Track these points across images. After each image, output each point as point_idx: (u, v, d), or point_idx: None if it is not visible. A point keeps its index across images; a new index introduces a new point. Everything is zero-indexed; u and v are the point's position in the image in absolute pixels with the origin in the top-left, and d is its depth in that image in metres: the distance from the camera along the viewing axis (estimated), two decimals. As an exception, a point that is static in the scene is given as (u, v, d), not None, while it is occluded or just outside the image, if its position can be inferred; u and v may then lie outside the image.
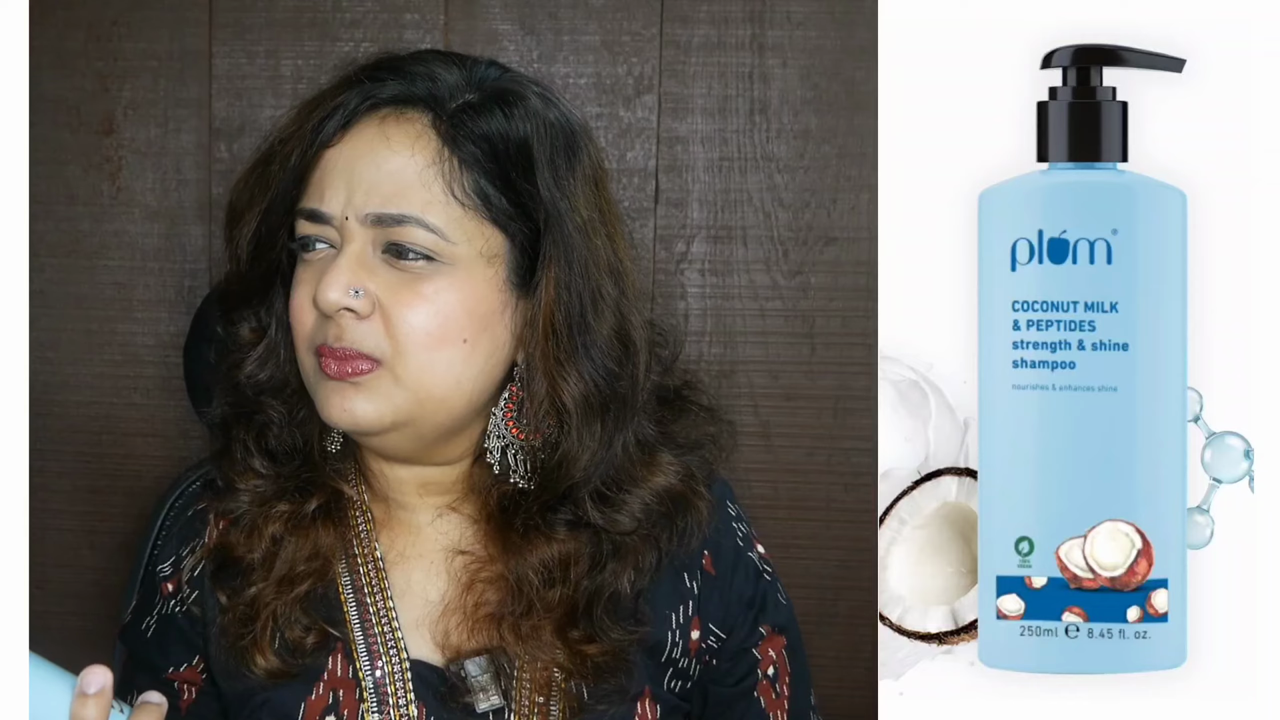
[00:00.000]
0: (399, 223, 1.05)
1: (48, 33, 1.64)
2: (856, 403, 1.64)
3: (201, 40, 1.65)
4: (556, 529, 1.10)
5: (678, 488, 1.14)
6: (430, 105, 1.07)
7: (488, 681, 1.10)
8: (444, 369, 1.06)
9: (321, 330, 1.06)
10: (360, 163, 1.06)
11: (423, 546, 1.15)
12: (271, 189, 1.08)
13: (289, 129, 1.09)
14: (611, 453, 1.10)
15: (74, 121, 1.67)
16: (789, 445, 1.66)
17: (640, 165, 1.64)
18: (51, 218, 1.68)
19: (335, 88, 1.09)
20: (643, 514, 1.12)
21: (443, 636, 1.11)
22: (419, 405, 1.06)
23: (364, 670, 1.10)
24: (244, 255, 1.11)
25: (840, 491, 1.66)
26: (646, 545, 1.13)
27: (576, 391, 1.08)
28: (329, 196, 1.06)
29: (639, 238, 1.63)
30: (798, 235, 1.64)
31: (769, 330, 1.65)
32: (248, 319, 1.14)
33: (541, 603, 1.10)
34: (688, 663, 1.16)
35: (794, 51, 1.62)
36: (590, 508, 1.10)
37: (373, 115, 1.07)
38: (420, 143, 1.06)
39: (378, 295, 1.05)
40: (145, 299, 1.69)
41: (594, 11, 1.63)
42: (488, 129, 1.07)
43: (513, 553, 1.11)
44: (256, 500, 1.13)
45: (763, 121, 1.63)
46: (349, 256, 1.05)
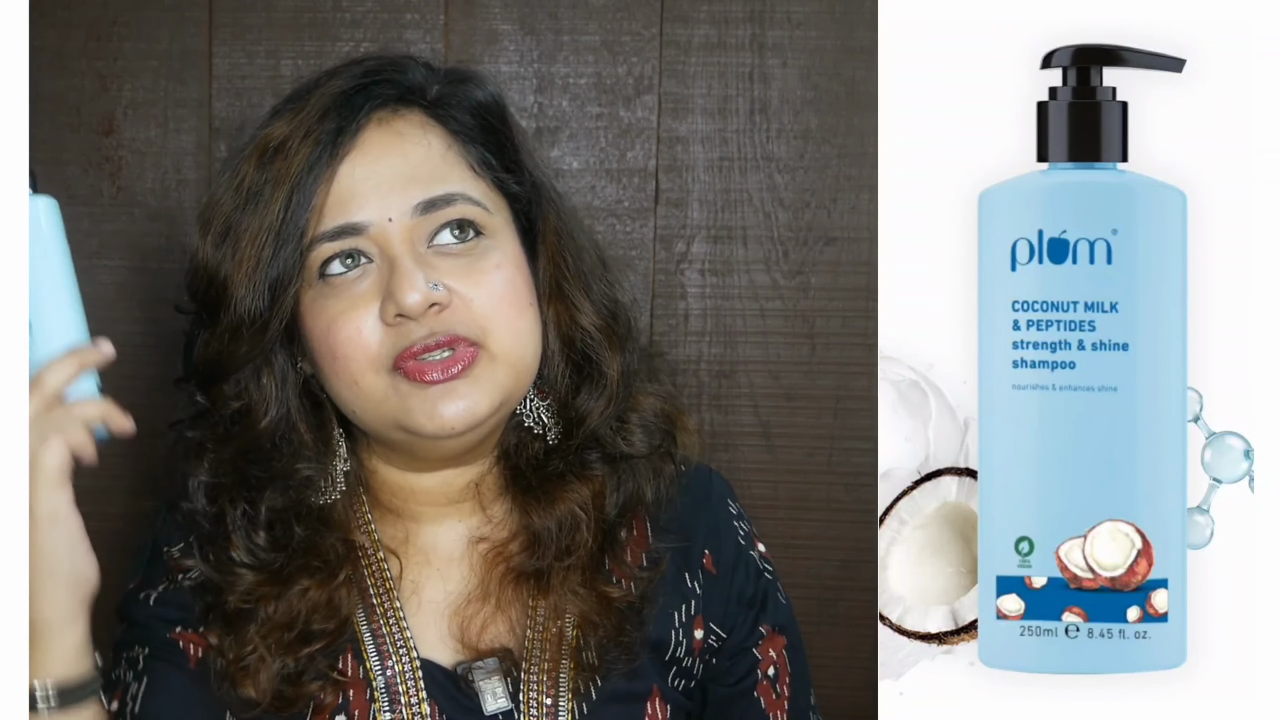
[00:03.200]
0: (449, 202, 1.07)
1: (48, 33, 1.64)
2: (856, 403, 1.64)
3: (201, 40, 1.65)
4: (592, 467, 1.13)
5: (665, 407, 1.18)
6: (417, 97, 1.11)
7: (497, 681, 1.10)
8: (529, 334, 1.09)
9: (395, 340, 1.05)
10: (382, 165, 1.07)
11: (434, 552, 1.15)
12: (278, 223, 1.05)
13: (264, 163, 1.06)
14: (628, 379, 1.15)
15: (74, 121, 1.67)
16: (789, 445, 1.66)
17: (640, 165, 1.64)
18: (51, 218, 1.67)
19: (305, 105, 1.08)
20: (650, 433, 1.16)
21: (460, 629, 1.12)
22: (516, 378, 1.09)
23: (374, 670, 1.10)
24: (249, 310, 1.06)
25: (840, 491, 1.66)
26: (662, 459, 1.17)
27: (597, 320, 1.13)
28: (359, 206, 1.05)
29: (639, 238, 1.63)
30: (798, 235, 1.64)
31: (769, 330, 1.65)
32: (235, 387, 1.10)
33: (576, 544, 1.11)
34: (691, 662, 1.17)
35: (794, 51, 1.62)
36: (613, 438, 1.14)
37: (369, 122, 1.08)
38: (428, 132, 1.10)
39: (450, 285, 1.06)
40: (145, 299, 1.69)
41: (594, 11, 1.63)
42: (472, 104, 1.12)
43: (542, 509, 1.12)
44: (261, 579, 1.09)
45: (763, 121, 1.63)
46: (409, 257, 1.05)
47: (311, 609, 1.08)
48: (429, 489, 1.15)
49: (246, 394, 1.10)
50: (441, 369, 1.05)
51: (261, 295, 1.05)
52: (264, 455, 1.10)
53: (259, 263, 1.05)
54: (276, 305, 1.06)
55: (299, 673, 1.08)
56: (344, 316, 1.06)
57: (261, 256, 1.05)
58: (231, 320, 1.06)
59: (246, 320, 1.06)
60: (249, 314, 1.06)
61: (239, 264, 1.06)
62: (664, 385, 1.22)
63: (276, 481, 1.10)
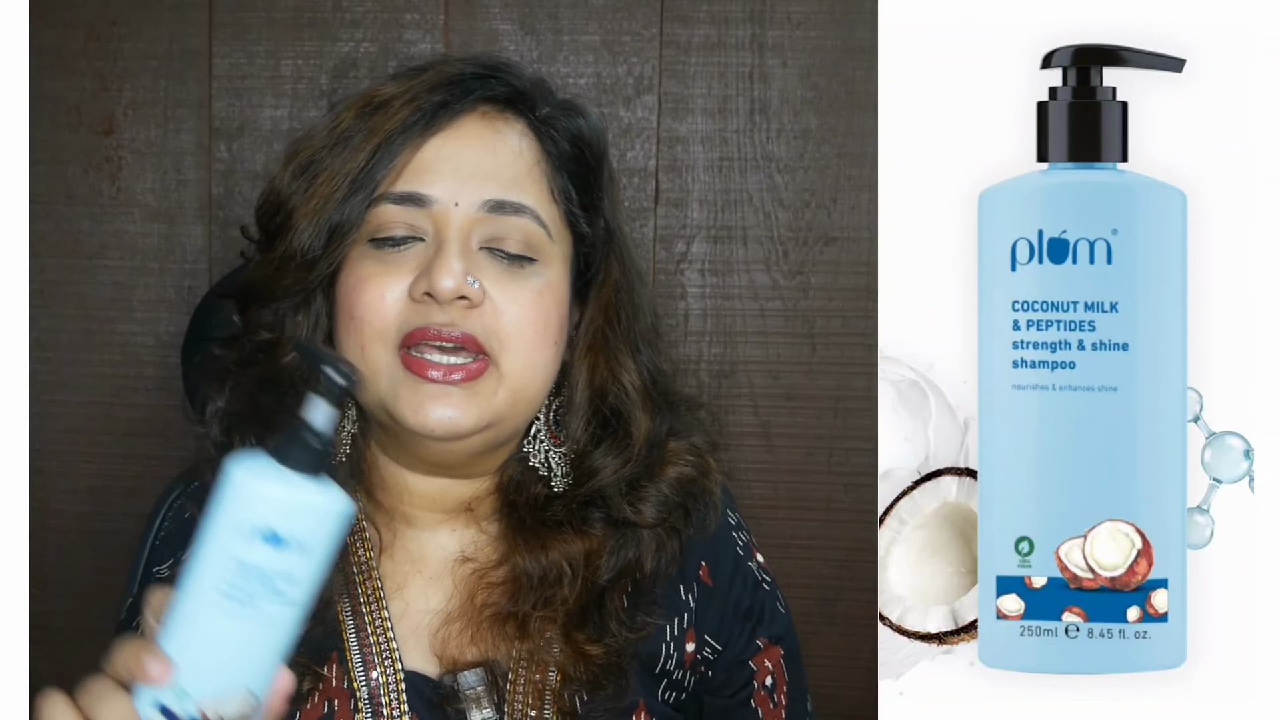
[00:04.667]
0: (518, 211, 1.06)
1: (48, 33, 1.64)
2: (856, 403, 1.64)
3: (201, 40, 1.65)
4: (593, 525, 1.11)
5: (690, 474, 1.15)
6: (527, 108, 1.11)
7: (481, 693, 1.10)
8: (541, 370, 1.08)
9: (411, 317, 1.04)
10: (469, 152, 1.07)
11: (422, 560, 1.14)
12: (356, 171, 1.05)
13: (363, 114, 1.07)
14: (652, 446, 1.12)
15: (74, 121, 1.67)
16: (789, 445, 1.66)
17: (640, 165, 1.64)
18: (51, 218, 1.68)
19: (419, 78, 1.09)
20: (664, 505, 1.13)
21: (440, 646, 1.11)
22: (513, 406, 1.07)
23: (359, 680, 1.09)
24: (303, 245, 1.06)
25: (840, 491, 1.66)
26: (668, 534, 1.14)
27: (637, 382, 1.12)
28: (432, 180, 1.06)
29: (639, 238, 1.63)
30: (798, 235, 1.64)
31: (769, 330, 1.65)
32: (271, 316, 1.10)
33: (557, 598, 1.10)
34: (682, 674, 1.16)
35: (794, 51, 1.62)
36: (620, 502, 1.12)
37: (473, 111, 1.09)
38: (526, 140, 1.10)
39: (486, 287, 1.05)
40: (145, 299, 1.69)
41: (594, 11, 1.63)
42: (577, 134, 1.11)
43: (531, 551, 1.10)
44: None
45: (763, 121, 1.63)
46: (458, 244, 1.04)
47: None
48: (423, 493, 1.14)
49: (280, 327, 1.10)
50: (444, 372, 1.04)
51: (320, 235, 1.06)
52: (279, 391, 1.09)
53: (327, 203, 1.06)
54: (329, 249, 1.06)
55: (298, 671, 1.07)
56: (374, 279, 1.05)
57: (332, 198, 1.06)
58: (286, 251, 1.07)
59: (298, 255, 1.07)
60: (302, 250, 1.06)
61: (309, 198, 1.07)
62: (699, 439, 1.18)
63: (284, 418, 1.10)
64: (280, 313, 1.10)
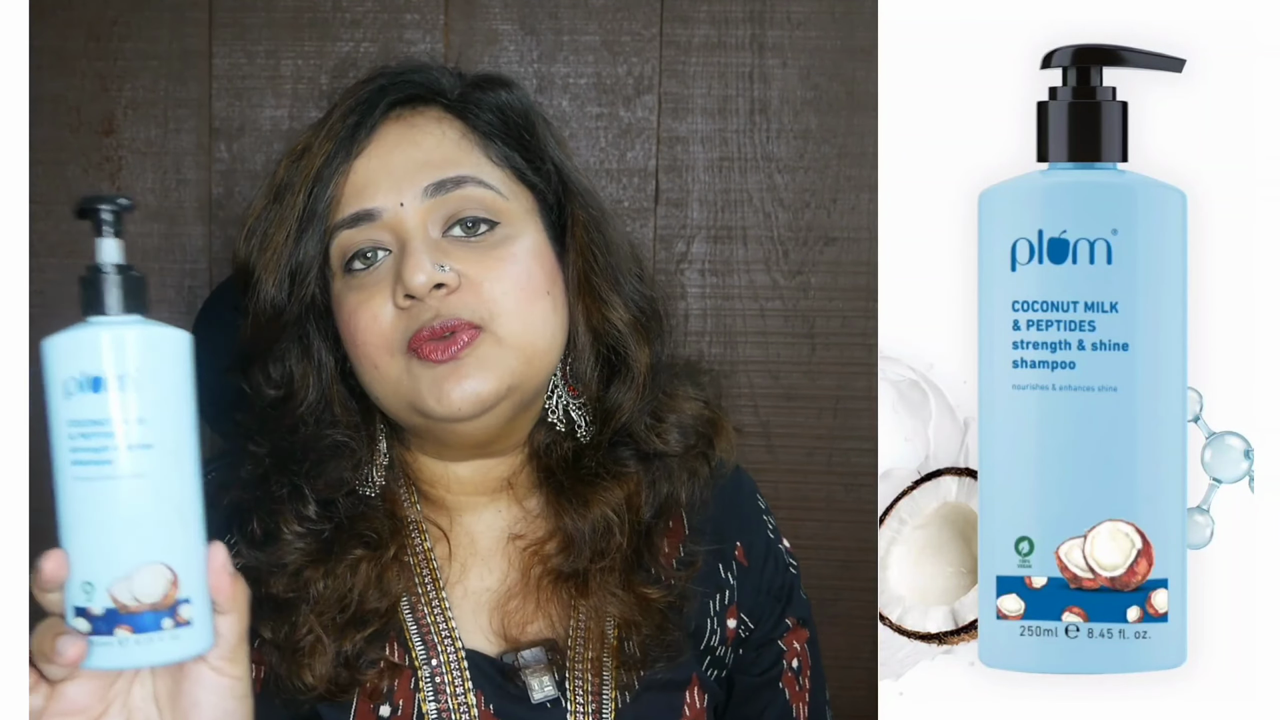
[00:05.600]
0: (459, 184, 1.10)
1: (48, 33, 1.64)
2: (856, 403, 1.64)
3: (201, 40, 1.65)
4: (626, 464, 1.15)
5: (706, 412, 1.19)
6: (438, 96, 1.14)
7: (542, 671, 1.11)
8: (540, 322, 1.10)
9: (407, 324, 1.07)
10: (395, 154, 1.11)
11: (473, 543, 1.16)
12: (299, 213, 1.10)
13: (293, 163, 1.12)
14: (658, 373, 1.16)
15: (74, 121, 1.67)
16: (789, 445, 1.66)
17: (640, 165, 1.64)
18: (51, 218, 1.68)
19: (333, 110, 1.14)
20: (686, 432, 1.17)
21: (501, 624, 1.13)
22: (527, 364, 1.09)
23: (420, 659, 1.11)
24: (270, 296, 1.10)
25: (840, 491, 1.66)
26: (697, 460, 1.18)
27: (626, 315, 1.14)
28: (371, 193, 1.09)
29: (639, 238, 1.63)
30: (798, 235, 1.64)
31: (769, 330, 1.65)
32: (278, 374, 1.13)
33: (611, 546, 1.12)
34: (724, 651, 1.19)
35: (794, 51, 1.62)
36: (648, 435, 1.15)
37: (386, 119, 1.13)
38: (444, 124, 1.13)
39: (460, 269, 1.08)
40: (145, 299, 1.69)
41: (594, 11, 1.63)
42: (495, 102, 1.15)
43: (577, 511, 1.13)
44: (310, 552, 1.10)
45: (763, 121, 1.63)
46: (420, 240, 1.08)
47: (364, 586, 1.09)
48: (464, 478, 1.16)
49: (287, 381, 1.13)
50: (442, 349, 1.06)
51: (283, 282, 1.11)
52: (306, 438, 1.12)
53: (281, 250, 1.11)
54: (295, 291, 1.10)
55: (355, 655, 1.08)
56: (362, 306, 1.09)
57: (285, 245, 1.11)
58: (258, 307, 1.11)
59: (269, 307, 1.11)
60: (272, 301, 1.11)
61: (264, 252, 1.11)
62: (706, 392, 1.22)
63: (316, 456, 1.12)
64: (287, 364, 1.13)
